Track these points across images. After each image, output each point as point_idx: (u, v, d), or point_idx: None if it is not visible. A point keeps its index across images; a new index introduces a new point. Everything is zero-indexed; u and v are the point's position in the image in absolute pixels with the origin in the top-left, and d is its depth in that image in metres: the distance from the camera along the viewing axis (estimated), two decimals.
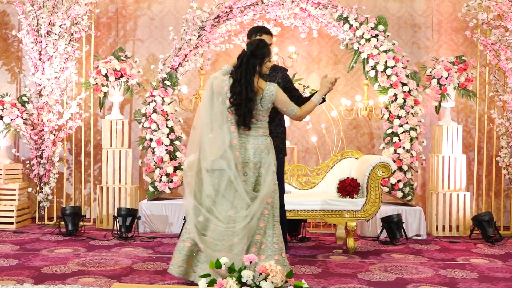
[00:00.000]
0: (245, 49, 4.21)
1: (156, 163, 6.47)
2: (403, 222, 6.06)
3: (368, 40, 6.45)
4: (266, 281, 3.25)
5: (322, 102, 4.51)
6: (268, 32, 4.68)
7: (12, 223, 6.53)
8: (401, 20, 7.27)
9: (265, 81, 4.28)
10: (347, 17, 6.50)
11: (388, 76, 6.40)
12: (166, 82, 6.51)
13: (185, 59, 6.57)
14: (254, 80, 4.13)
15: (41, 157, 6.76)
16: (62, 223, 6.28)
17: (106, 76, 6.57)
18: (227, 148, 4.06)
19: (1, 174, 6.63)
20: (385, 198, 6.64)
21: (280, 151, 4.79)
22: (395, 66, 6.38)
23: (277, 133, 4.76)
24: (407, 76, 6.42)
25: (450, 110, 6.70)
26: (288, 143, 6.87)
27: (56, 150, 6.79)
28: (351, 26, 6.49)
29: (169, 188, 6.44)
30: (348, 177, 5.56)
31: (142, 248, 5.53)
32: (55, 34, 6.61)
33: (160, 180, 6.44)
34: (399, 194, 6.32)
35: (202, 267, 4.03)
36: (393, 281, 4.44)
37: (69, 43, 6.75)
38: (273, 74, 4.77)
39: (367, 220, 5.54)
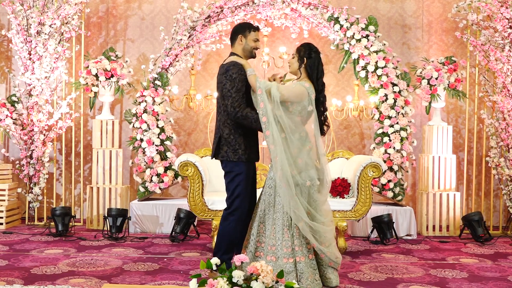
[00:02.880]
0: (314, 53, 4.17)
1: (146, 163, 6.45)
2: (394, 222, 6.08)
3: (358, 40, 6.47)
4: (257, 281, 3.25)
5: None
6: (259, 29, 4.61)
7: (1, 224, 6.49)
8: (392, 20, 7.29)
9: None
10: (337, 17, 6.51)
11: (379, 76, 6.42)
12: (157, 82, 6.49)
13: (175, 59, 6.56)
14: None
15: (31, 157, 6.72)
16: (52, 223, 6.25)
17: (96, 76, 6.55)
18: (322, 156, 4.17)
19: None
20: (375, 198, 6.66)
21: None
22: (385, 66, 6.40)
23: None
24: (397, 76, 6.44)
25: (440, 110, 6.73)
26: None
27: (46, 150, 6.76)
28: (341, 26, 6.50)
29: (160, 189, 6.42)
30: (338, 177, 5.58)
31: (132, 249, 5.52)
32: (45, 33, 6.58)
33: (151, 181, 6.43)
34: (390, 194, 6.34)
35: (329, 270, 4.19)
36: (384, 281, 4.45)
37: (59, 43, 6.72)
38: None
39: (358, 220, 5.55)
